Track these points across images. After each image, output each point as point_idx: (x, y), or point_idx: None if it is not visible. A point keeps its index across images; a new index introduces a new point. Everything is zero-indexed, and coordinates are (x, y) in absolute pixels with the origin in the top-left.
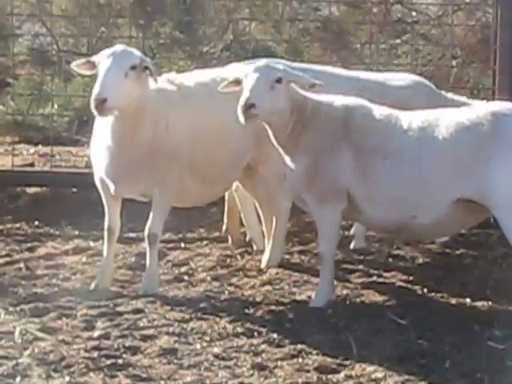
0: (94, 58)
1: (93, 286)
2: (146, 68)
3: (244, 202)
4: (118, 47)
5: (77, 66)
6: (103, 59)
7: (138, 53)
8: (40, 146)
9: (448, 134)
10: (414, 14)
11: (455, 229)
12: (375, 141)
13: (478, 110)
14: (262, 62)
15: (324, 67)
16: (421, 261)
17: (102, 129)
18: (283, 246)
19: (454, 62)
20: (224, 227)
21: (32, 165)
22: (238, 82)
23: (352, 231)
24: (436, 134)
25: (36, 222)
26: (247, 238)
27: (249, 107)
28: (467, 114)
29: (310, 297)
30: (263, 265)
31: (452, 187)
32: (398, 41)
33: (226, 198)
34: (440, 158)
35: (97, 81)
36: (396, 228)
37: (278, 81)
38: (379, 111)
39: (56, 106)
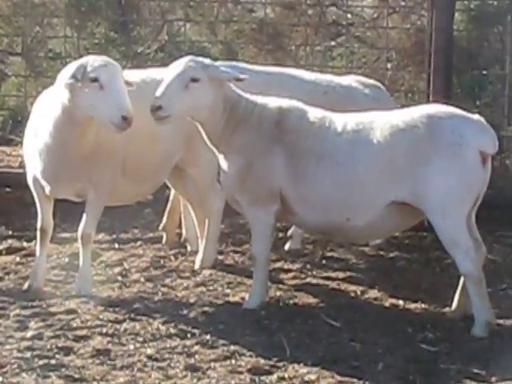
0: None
1: (26, 286)
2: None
3: (187, 203)
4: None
5: None
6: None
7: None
8: None
9: (382, 137)
10: (349, 16)
11: (390, 231)
12: (309, 143)
13: (414, 112)
14: (181, 60)
15: (285, 69)
16: (354, 262)
17: (40, 129)
18: (216, 247)
19: (388, 65)
20: (161, 226)
21: None
22: None
23: (289, 232)
24: (371, 137)
25: None
26: (182, 239)
27: (156, 109)
28: (402, 116)
29: (243, 298)
30: (197, 266)
31: (386, 190)
32: (333, 43)
33: (171, 198)
34: (374, 161)
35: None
36: (330, 230)
37: (194, 80)
38: (314, 113)
39: None
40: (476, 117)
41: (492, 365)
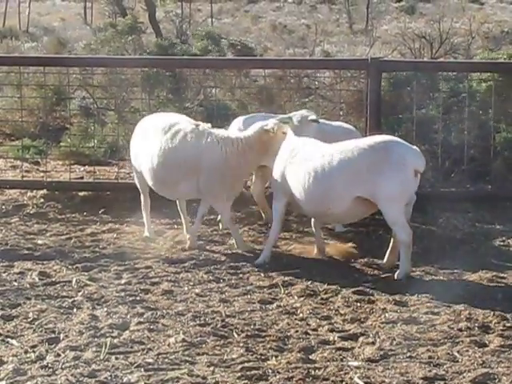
0: None
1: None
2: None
3: None
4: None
5: None
6: None
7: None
8: (86, 166)
9: (352, 155)
10: (316, 83)
11: (358, 216)
12: (305, 164)
13: (374, 140)
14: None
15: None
16: (324, 236)
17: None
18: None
19: (341, 112)
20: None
21: (82, 178)
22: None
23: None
24: (343, 156)
25: (84, 213)
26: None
27: None
28: (366, 141)
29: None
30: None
31: (353, 189)
32: (306, 99)
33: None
34: (346, 172)
35: None
36: (320, 215)
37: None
38: (312, 145)
39: (96, 142)
40: (414, 147)
41: (408, 295)
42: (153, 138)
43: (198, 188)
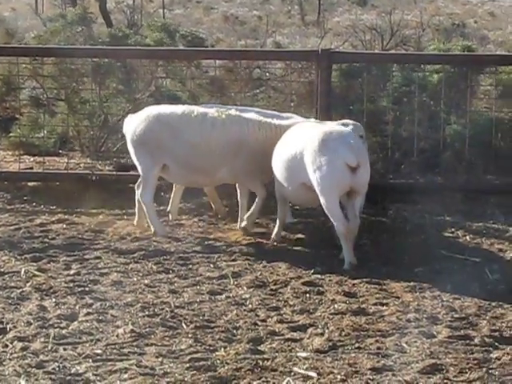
0: None
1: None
2: None
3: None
4: None
5: None
6: None
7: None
8: (36, 157)
9: (295, 142)
10: (267, 74)
11: (310, 201)
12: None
13: (321, 128)
14: None
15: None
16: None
17: None
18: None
19: (292, 104)
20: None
21: (31, 168)
22: None
23: None
24: (291, 142)
25: (34, 204)
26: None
27: None
28: (313, 129)
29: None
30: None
31: (297, 177)
32: (257, 91)
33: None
34: (290, 158)
35: None
36: (283, 194)
37: None
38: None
39: (46, 132)
40: (352, 140)
41: (357, 286)
42: (185, 130)
43: (235, 172)
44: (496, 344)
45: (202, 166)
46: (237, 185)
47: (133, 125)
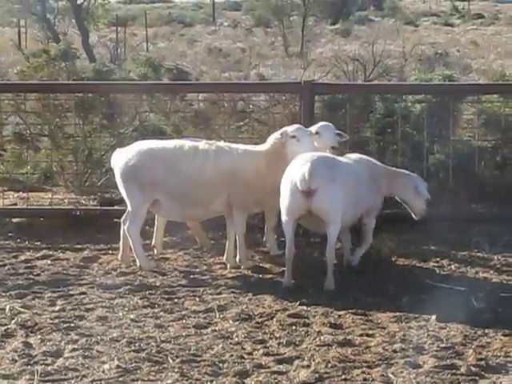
0: None
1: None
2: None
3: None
4: None
5: None
6: None
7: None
8: (20, 193)
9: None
10: (251, 106)
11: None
12: None
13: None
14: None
15: None
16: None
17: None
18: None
19: None
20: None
21: (15, 204)
22: None
23: None
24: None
25: (18, 240)
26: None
27: None
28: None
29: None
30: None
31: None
32: (241, 123)
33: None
34: None
35: None
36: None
37: None
38: None
39: (30, 168)
40: (308, 164)
41: (343, 317)
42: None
43: (228, 203)
44: (482, 373)
45: (196, 198)
46: (226, 217)
47: (123, 159)
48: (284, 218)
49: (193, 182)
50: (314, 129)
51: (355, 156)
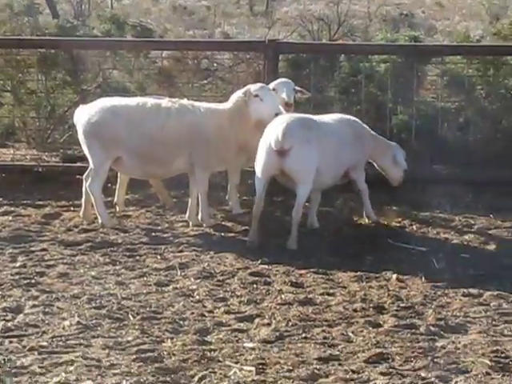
0: None
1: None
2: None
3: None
4: None
5: None
6: None
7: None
8: None
9: None
10: (215, 65)
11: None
12: None
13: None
14: None
15: None
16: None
17: None
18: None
19: None
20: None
21: None
22: None
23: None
24: None
25: None
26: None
27: None
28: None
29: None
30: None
31: None
32: (205, 81)
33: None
34: None
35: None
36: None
37: None
38: None
39: None
40: (286, 126)
41: (304, 276)
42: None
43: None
44: (441, 333)
45: (158, 156)
46: (188, 175)
47: (85, 116)
48: (257, 175)
49: (155, 139)
50: (271, 85)
51: (338, 116)
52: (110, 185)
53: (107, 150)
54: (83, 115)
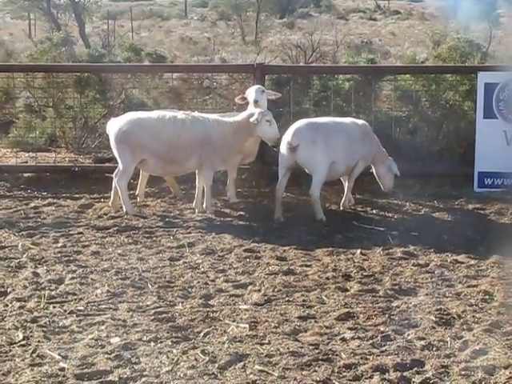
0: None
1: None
2: None
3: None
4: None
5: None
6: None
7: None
8: (30, 153)
9: None
10: (215, 83)
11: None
12: None
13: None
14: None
15: None
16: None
17: None
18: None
19: (234, 107)
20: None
21: (26, 162)
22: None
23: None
24: None
25: (29, 191)
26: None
27: None
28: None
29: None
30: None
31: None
32: (206, 97)
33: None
34: None
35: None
36: None
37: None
38: None
39: (38, 133)
40: (298, 126)
41: (287, 251)
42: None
43: (200, 162)
44: (396, 295)
45: (175, 158)
46: (196, 172)
47: (116, 127)
48: (279, 166)
49: (173, 145)
50: (247, 92)
51: (349, 119)
52: (132, 181)
53: (134, 154)
54: (114, 126)
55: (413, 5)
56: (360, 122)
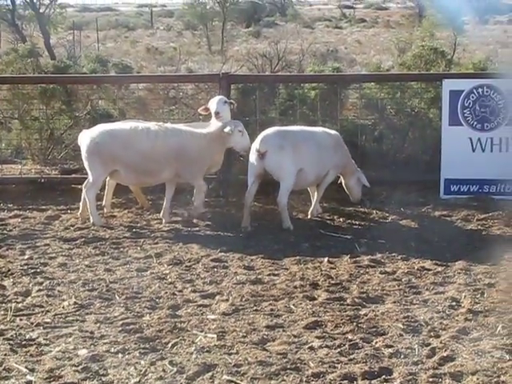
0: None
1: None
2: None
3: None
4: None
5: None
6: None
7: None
8: None
9: None
10: (180, 93)
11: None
12: None
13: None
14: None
15: None
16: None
17: None
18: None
19: (200, 117)
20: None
21: None
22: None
23: None
24: None
25: None
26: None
27: None
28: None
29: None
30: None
31: None
32: (173, 107)
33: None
34: None
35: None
36: None
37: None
38: None
39: (3, 145)
40: (266, 134)
41: (254, 261)
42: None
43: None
44: (364, 303)
45: (148, 169)
46: (166, 182)
47: (88, 138)
48: (248, 173)
49: (146, 156)
50: (209, 103)
51: (320, 128)
52: (99, 192)
53: (105, 165)
54: (86, 137)
55: (378, 13)
56: (332, 131)
